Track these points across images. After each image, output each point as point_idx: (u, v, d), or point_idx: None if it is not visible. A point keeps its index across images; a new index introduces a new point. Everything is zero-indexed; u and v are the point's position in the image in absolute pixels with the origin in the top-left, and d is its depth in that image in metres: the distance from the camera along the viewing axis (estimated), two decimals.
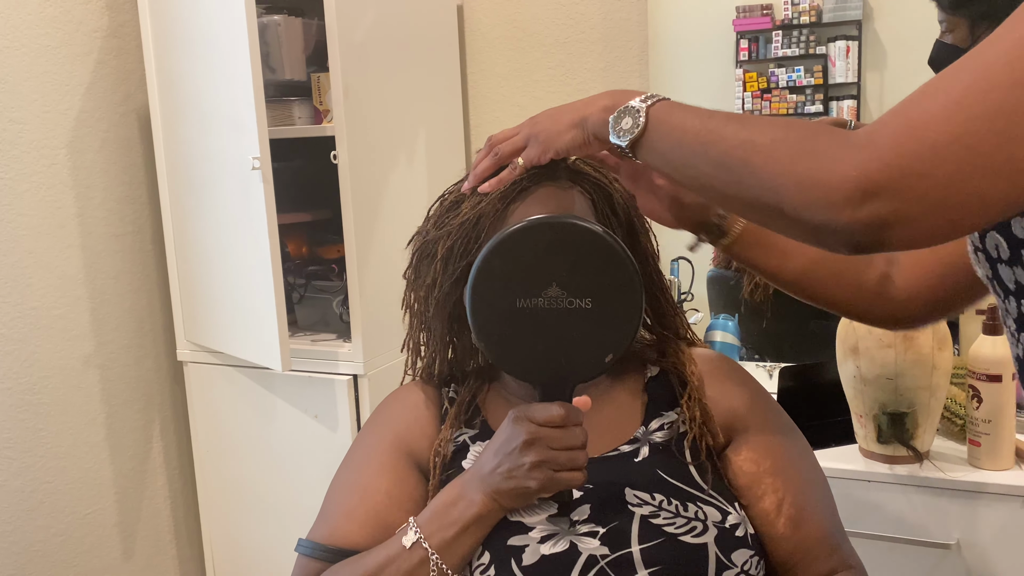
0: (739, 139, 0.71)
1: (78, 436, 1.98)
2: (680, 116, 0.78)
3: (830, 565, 0.93)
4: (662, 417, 0.98)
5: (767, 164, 0.68)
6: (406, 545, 0.89)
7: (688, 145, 0.76)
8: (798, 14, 2.09)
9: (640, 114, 0.80)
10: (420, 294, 1.04)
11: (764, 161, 0.68)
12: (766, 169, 0.68)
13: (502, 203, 0.96)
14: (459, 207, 1.00)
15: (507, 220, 0.96)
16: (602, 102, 0.85)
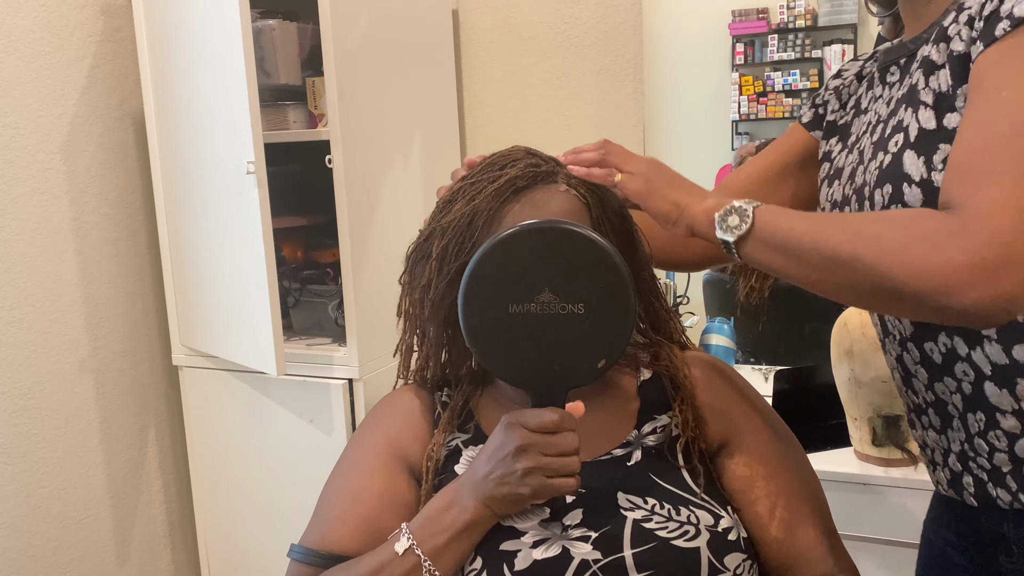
0: (846, 236, 0.77)
1: (73, 441, 1.97)
2: (786, 218, 0.84)
3: (824, 569, 0.93)
4: (655, 421, 0.98)
5: (878, 257, 0.74)
6: (398, 551, 0.88)
7: (795, 244, 0.81)
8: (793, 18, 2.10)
9: (747, 214, 0.84)
10: (415, 297, 1.04)
11: (874, 255, 0.74)
12: (878, 262, 0.74)
13: (496, 202, 0.96)
14: (452, 205, 0.99)
15: (501, 221, 0.95)
16: (707, 202, 0.89)
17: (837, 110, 1.07)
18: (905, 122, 0.86)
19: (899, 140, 0.85)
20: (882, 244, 0.74)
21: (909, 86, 0.88)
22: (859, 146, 0.96)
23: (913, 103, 0.86)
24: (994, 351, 0.84)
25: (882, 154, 0.88)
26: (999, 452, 0.86)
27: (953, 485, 0.93)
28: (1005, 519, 0.88)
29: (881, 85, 0.96)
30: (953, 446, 0.92)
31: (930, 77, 0.84)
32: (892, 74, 0.95)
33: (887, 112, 0.92)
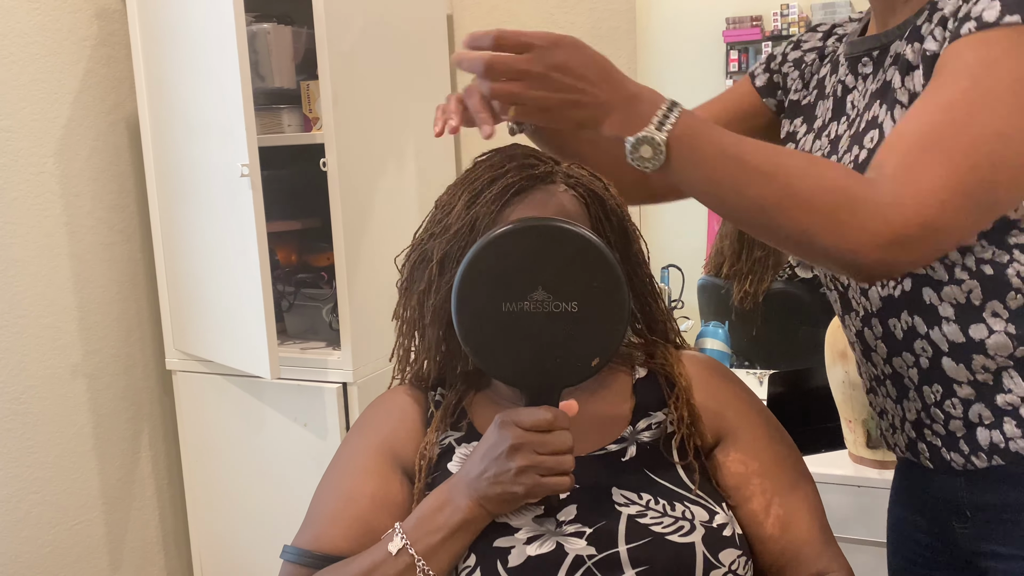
0: (774, 184, 0.78)
1: (66, 446, 1.97)
2: (703, 150, 0.79)
3: (818, 567, 0.93)
4: (650, 417, 0.98)
5: (804, 214, 0.77)
6: (392, 551, 0.88)
7: (717, 182, 0.80)
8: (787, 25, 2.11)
9: (660, 147, 0.79)
10: (413, 300, 1.04)
11: (801, 211, 0.77)
12: (804, 218, 0.77)
13: (496, 206, 0.96)
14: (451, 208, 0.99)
15: (501, 219, 0.95)
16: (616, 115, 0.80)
17: (800, 89, 1.06)
18: (880, 119, 0.88)
19: (874, 136, 0.88)
20: (813, 202, 0.76)
21: (883, 82, 0.89)
22: (828, 133, 0.97)
23: (888, 101, 0.87)
24: (951, 330, 0.88)
25: (857, 148, 0.89)
26: (954, 419, 0.90)
27: (910, 448, 0.98)
28: (958, 482, 0.92)
29: (852, 75, 0.97)
30: (908, 415, 0.96)
31: (905, 77, 0.86)
32: (864, 65, 0.95)
33: (863, 106, 0.93)
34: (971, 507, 0.91)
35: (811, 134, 1.01)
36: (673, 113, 0.79)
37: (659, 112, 0.79)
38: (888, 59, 0.91)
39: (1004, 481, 0.88)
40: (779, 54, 1.11)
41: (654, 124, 0.79)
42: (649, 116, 0.79)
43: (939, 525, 0.96)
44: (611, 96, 0.80)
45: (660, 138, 0.78)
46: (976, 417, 0.88)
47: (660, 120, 0.79)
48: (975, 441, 0.88)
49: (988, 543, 0.90)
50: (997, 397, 0.86)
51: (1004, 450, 0.86)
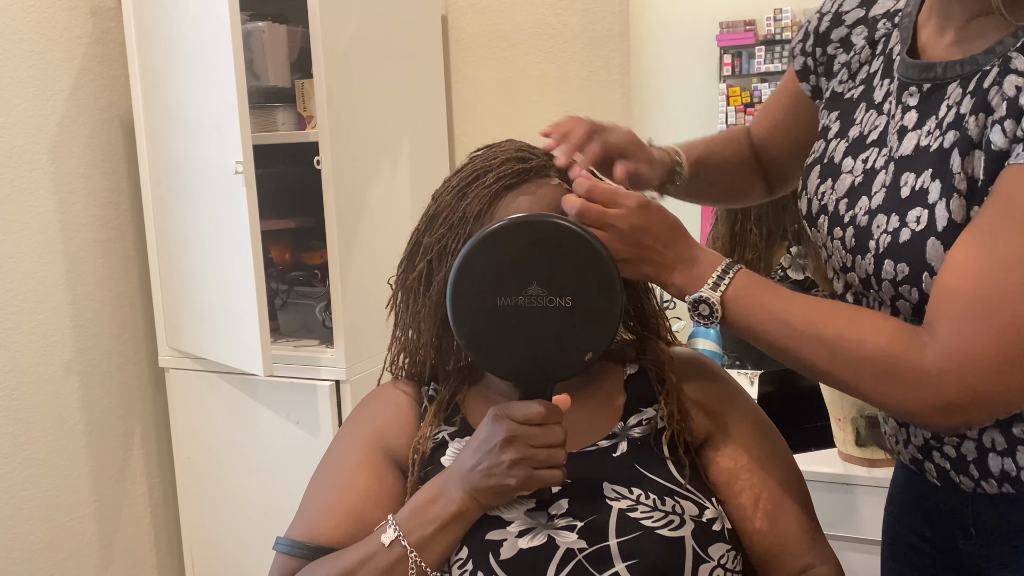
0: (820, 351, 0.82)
1: (57, 443, 1.96)
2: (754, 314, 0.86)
3: (806, 560, 0.94)
4: (640, 413, 0.99)
5: (853, 380, 0.81)
6: (385, 543, 0.89)
7: (768, 346, 0.86)
8: (780, 29, 2.12)
9: (715, 306, 0.86)
10: (408, 294, 1.04)
11: (849, 377, 0.81)
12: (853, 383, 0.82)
13: (488, 199, 0.96)
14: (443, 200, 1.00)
15: (494, 216, 0.96)
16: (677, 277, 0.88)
17: (846, 80, 0.97)
18: (931, 197, 0.80)
19: (922, 218, 0.80)
20: (857, 374, 0.80)
21: (939, 147, 0.81)
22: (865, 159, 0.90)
23: (944, 180, 0.80)
24: None
25: (896, 220, 0.83)
26: (968, 440, 0.87)
27: (915, 464, 0.95)
28: (965, 502, 0.90)
29: (896, 101, 0.88)
30: (915, 439, 0.93)
31: (966, 158, 0.78)
32: (911, 95, 0.86)
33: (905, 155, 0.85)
34: (976, 527, 0.89)
35: (843, 141, 0.94)
36: (727, 275, 0.87)
37: (715, 274, 0.87)
38: (944, 109, 0.82)
39: (1013, 507, 0.86)
40: (811, 31, 1.02)
41: (709, 285, 0.87)
42: (705, 278, 0.87)
43: (942, 536, 0.94)
44: (675, 259, 0.89)
45: (715, 299, 0.86)
46: (989, 443, 0.85)
47: (715, 282, 0.87)
48: (986, 467, 0.86)
49: (993, 565, 0.88)
50: (1014, 427, 0.83)
51: (1015, 479, 0.84)
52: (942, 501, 0.93)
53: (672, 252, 0.88)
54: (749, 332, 0.87)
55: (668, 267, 0.88)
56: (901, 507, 1.03)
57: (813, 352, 0.82)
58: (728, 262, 0.88)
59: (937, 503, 0.94)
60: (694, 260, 0.88)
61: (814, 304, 0.85)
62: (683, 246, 0.89)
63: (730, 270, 0.87)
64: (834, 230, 0.91)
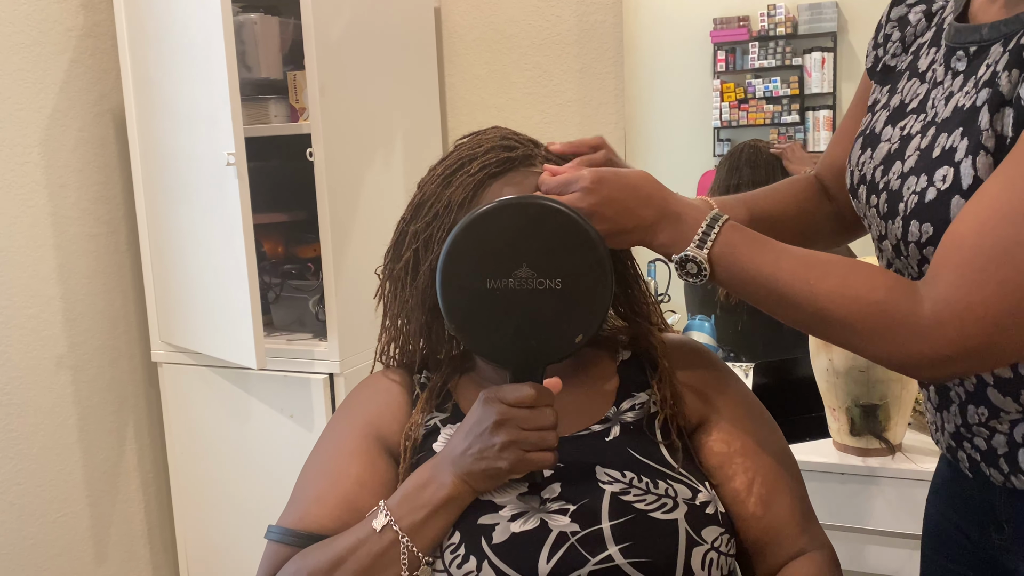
0: (811, 308, 0.80)
1: (49, 438, 1.96)
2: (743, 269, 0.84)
3: (800, 545, 0.94)
4: (633, 398, 0.99)
5: (843, 335, 0.80)
6: (376, 528, 0.88)
7: (759, 301, 0.85)
8: (774, 26, 2.12)
9: (703, 264, 0.84)
10: (396, 283, 1.04)
11: (839, 333, 0.80)
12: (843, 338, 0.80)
13: (472, 186, 0.96)
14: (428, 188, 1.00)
15: (480, 201, 0.96)
16: (661, 235, 0.86)
17: (899, 53, 0.96)
18: (958, 155, 0.78)
19: (948, 176, 0.79)
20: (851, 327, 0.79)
21: (972, 105, 0.79)
22: (903, 127, 0.88)
23: (972, 137, 0.78)
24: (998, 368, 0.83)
25: (925, 179, 0.81)
26: (1000, 434, 0.85)
27: (950, 452, 0.93)
28: (996, 495, 0.88)
29: (944, 67, 0.86)
30: (947, 426, 0.91)
31: (995, 114, 0.76)
32: (959, 60, 0.84)
33: (943, 117, 0.83)
34: (1008, 521, 0.87)
35: (885, 111, 0.92)
36: (713, 230, 0.85)
37: (700, 231, 0.85)
38: (983, 69, 0.80)
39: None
40: (883, 21, 0.99)
41: (695, 243, 0.85)
42: (691, 235, 0.85)
43: (978, 528, 0.92)
44: (656, 217, 0.87)
45: (702, 256, 0.84)
46: (1020, 437, 0.83)
47: (701, 238, 0.85)
48: (1015, 462, 0.84)
49: (1021, 560, 0.86)
50: None
51: None
52: (976, 493, 0.91)
53: (650, 211, 0.86)
54: (738, 288, 0.85)
55: (650, 228, 0.87)
56: (941, 498, 1.01)
57: (805, 308, 0.81)
58: (713, 215, 0.85)
59: (972, 495, 0.92)
60: (678, 216, 0.86)
61: (804, 258, 0.83)
62: (661, 203, 0.87)
63: (716, 224, 0.85)
64: (871, 198, 0.90)
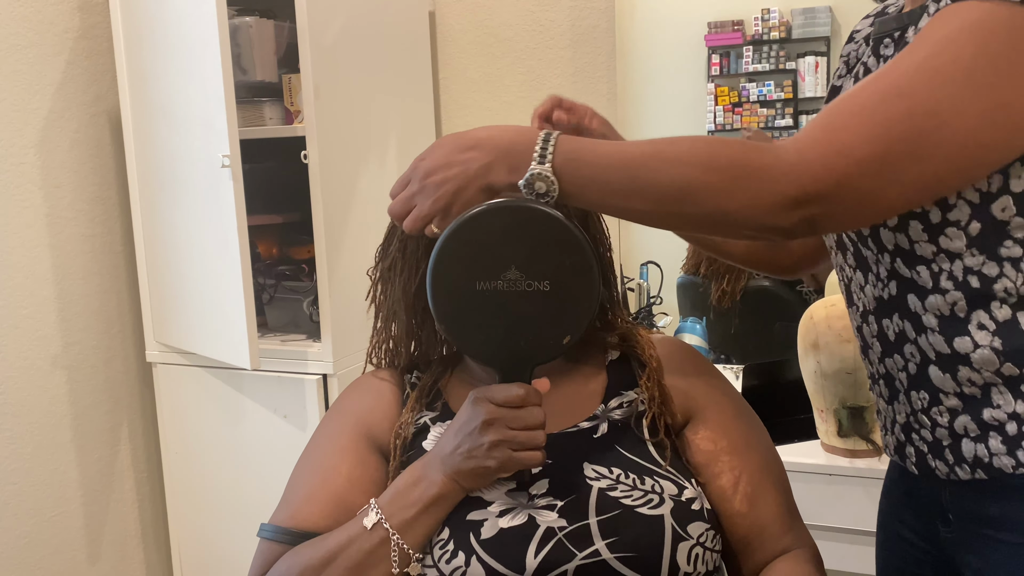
0: (671, 176, 0.79)
1: (44, 437, 1.96)
2: (591, 166, 0.82)
3: (785, 542, 0.96)
4: (621, 396, 1.00)
5: (708, 195, 0.78)
6: (367, 526, 0.89)
7: (615, 191, 0.82)
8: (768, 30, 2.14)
9: (550, 177, 0.83)
10: (386, 284, 1.06)
11: (705, 193, 0.78)
12: (708, 198, 0.78)
13: None
14: None
15: None
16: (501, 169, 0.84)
17: (845, 75, 1.01)
18: None
19: None
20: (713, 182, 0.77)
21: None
22: None
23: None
24: (936, 340, 0.86)
25: None
26: (940, 427, 0.88)
27: (897, 451, 0.96)
28: (943, 489, 0.91)
29: (875, 57, 0.92)
30: (899, 417, 0.94)
31: None
32: (886, 47, 0.91)
33: None
34: (954, 514, 0.90)
35: None
36: (550, 143, 0.83)
37: (537, 148, 0.83)
38: (904, 43, 0.86)
39: (985, 495, 0.86)
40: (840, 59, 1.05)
41: (535, 160, 0.83)
42: (529, 155, 0.83)
43: (926, 526, 0.95)
44: (486, 157, 0.85)
45: (546, 171, 0.83)
46: (962, 429, 0.86)
47: (540, 154, 0.83)
48: (960, 452, 0.86)
49: (967, 552, 0.89)
50: (984, 411, 0.84)
51: (988, 465, 0.84)
52: (923, 490, 0.94)
53: (474, 157, 0.85)
54: (589, 191, 0.83)
55: (483, 170, 0.85)
56: (892, 500, 1.04)
57: (661, 180, 0.79)
58: (545, 132, 0.84)
59: (919, 492, 0.95)
60: (510, 145, 0.85)
61: (647, 142, 0.83)
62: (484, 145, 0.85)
63: (550, 138, 0.83)
64: None
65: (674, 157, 0.79)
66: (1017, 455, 0.82)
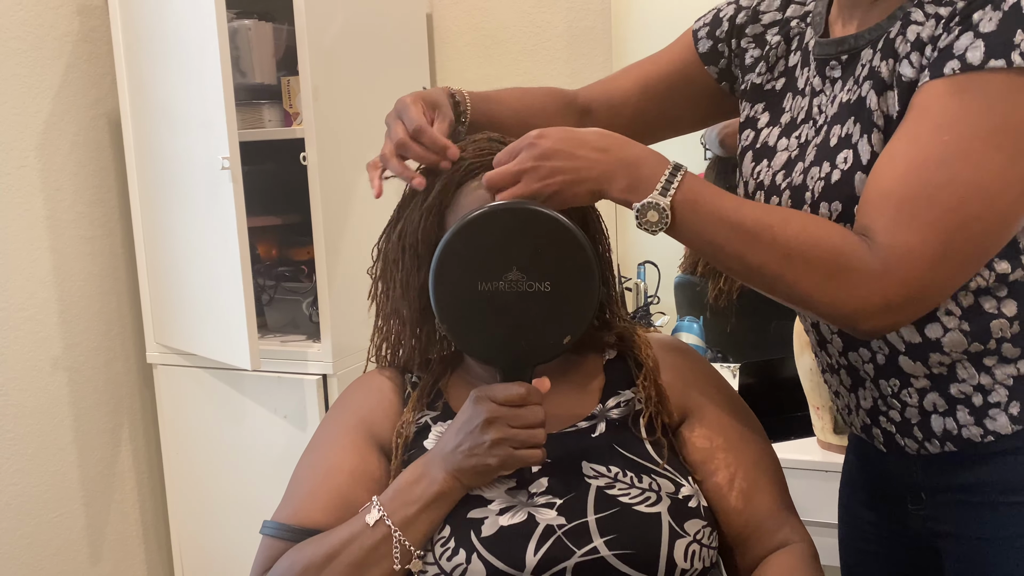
0: (774, 258, 0.82)
1: (45, 439, 1.97)
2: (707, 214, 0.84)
3: (780, 538, 0.97)
4: (619, 395, 1.02)
5: (800, 283, 0.81)
6: (369, 523, 0.91)
7: (719, 246, 0.84)
8: None
9: (665, 211, 0.84)
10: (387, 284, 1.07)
11: (797, 280, 0.81)
12: (799, 286, 0.82)
13: (452, 186, 0.99)
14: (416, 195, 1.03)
15: (458, 201, 0.99)
16: (620, 182, 0.85)
17: (764, 73, 1.02)
18: (854, 138, 0.86)
19: (848, 157, 0.86)
20: (809, 273, 0.81)
21: (858, 96, 0.87)
22: (798, 136, 0.95)
23: (864, 121, 0.85)
24: (907, 331, 0.89)
25: (828, 165, 0.88)
26: (910, 407, 0.91)
27: (864, 431, 1.00)
28: (913, 465, 0.94)
29: (820, 78, 0.94)
30: (864, 403, 0.97)
31: (880, 98, 0.85)
32: (832, 68, 0.92)
33: (831, 114, 0.90)
34: (927, 489, 0.93)
35: (776, 127, 0.99)
36: (676, 177, 0.84)
37: (663, 178, 0.84)
38: (860, 68, 0.88)
39: (957, 465, 0.90)
40: (727, 20, 1.06)
41: (658, 190, 0.84)
42: (654, 182, 0.84)
43: (892, 505, 0.98)
44: (609, 165, 0.86)
45: (665, 203, 0.83)
46: (931, 405, 0.89)
47: (664, 186, 0.84)
48: (929, 428, 0.90)
49: (942, 524, 0.92)
50: (951, 387, 0.88)
51: (956, 437, 0.88)
52: (891, 468, 0.97)
53: (599, 161, 0.86)
54: (699, 236, 0.85)
55: (603, 176, 0.86)
56: (854, 488, 1.08)
57: (766, 254, 0.82)
58: (675, 164, 0.86)
59: (887, 472, 0.98)
60: (636, 163, 0.85)
61: (764, 207, 0.86)
62: (614, 151, 0.86)
63: (678, 172, 0.85)
64: (771, 199, 0.95)
65: (783, 240, 0.81)
66: (985, 424, 0.87)
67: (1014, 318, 0.86)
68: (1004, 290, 0.86)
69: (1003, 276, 0.85)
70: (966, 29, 0.78)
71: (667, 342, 1.09)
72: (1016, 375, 0.86)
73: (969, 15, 0.79)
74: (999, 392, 0.86)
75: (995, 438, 0.87)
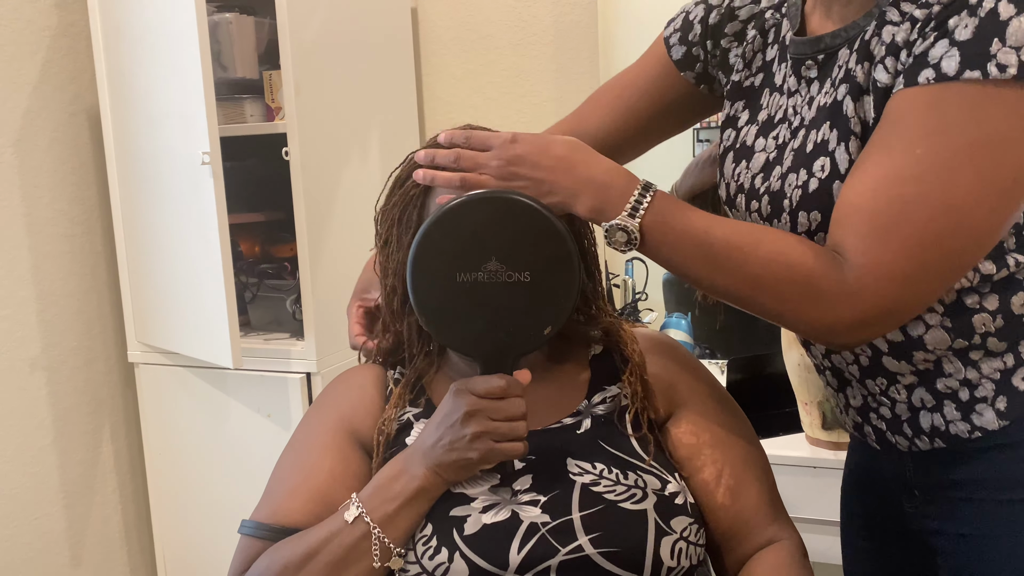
0: (743, 274, 0.82)
1: (24, 440, 1.94)
2: (676, 233, 0.83)
3: (768, 534, 0.95)
4: (604, 391, 1.00)
5: (772, 303, 0.82)
6: (348, 520, 0.89)
7: (691, 266, 0.84)
8: None
9: (634, 233, 0.84)
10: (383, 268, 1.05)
11: (767, 301, 0.82)
12: (772, 306, 0.82)
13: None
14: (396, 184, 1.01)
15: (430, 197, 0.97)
16: (586, 201, 0.85)
17: (742, 69, 1.01)
18: (831, 145, 0.84)
19: (825, 166, 0.84)
20: (781, 293, 0.80)
21: (834, 100, 0.85)
22: (775, 136, 0.93)
23: (840, 128, 0.84)
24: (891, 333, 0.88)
25: (804, 173, 0.86)
26: (899, 403, 0.91)
27: (857, 429, 0.99)
28: (905, 462, 0.93)
29: (795, 77, 0.92)
30: (853, 401, 0.97)
31: (856, 103, 0.83)
32: (808, 68, 0.91)
33: (808, 117, 0.89)
34: (919, 487, 0.93)
35: (754, 125, 0.97)
36: (645, 199, 0.84)
37: (632, 199, 0.84)
38: (836, 70, 0.87)
39: (948, 462, 0.89)
40: (698, 22, 1.03)
41: (627, 211, 0.84)
42: (622, 204, 0.84)
43: (888, 503, 0.98)
44: (575, 184, 0.85)
45: (633, 226, 0.83)
46: (919, 401, 0.89)
47: (633, 207, 0.84)
48: (918, 424, 0.89)
49: (936, 521, 0.92)
50: (938, 381, 0.87)
51: (944, 433, 0.88)
52: (885, 466, 0.97)
53: (566, 178, 0.86)
54: (668, 258, 0.85)
55: (568, 193, 0.86)
56: (854, 487, 1.07)
57: (735, 276, 0.82)
58: (643, 184, 0.85)
59: (881, 469, 0.98)
60: (606, 184, 0.85)
61: (735, 227, 0.85)
62: (580, 170, 0.86)
63: (647, 193, 0.84)
64: (751, 204, 0.93)
65: (754, 262, 0.81)
66: (972, 419, 0.86)
67: (996, 311, 0.84)
68: (987, 287, 0.85)
69: (987, 277, 0.84)
70: (942, 36, 0.76)
71: (654, 337, 1.07)
72: (1003, 369, 0.85)
73: (945, 20, 0.76)
74: (985, 386, 0.85)
75: (983, 434, 0.86)
